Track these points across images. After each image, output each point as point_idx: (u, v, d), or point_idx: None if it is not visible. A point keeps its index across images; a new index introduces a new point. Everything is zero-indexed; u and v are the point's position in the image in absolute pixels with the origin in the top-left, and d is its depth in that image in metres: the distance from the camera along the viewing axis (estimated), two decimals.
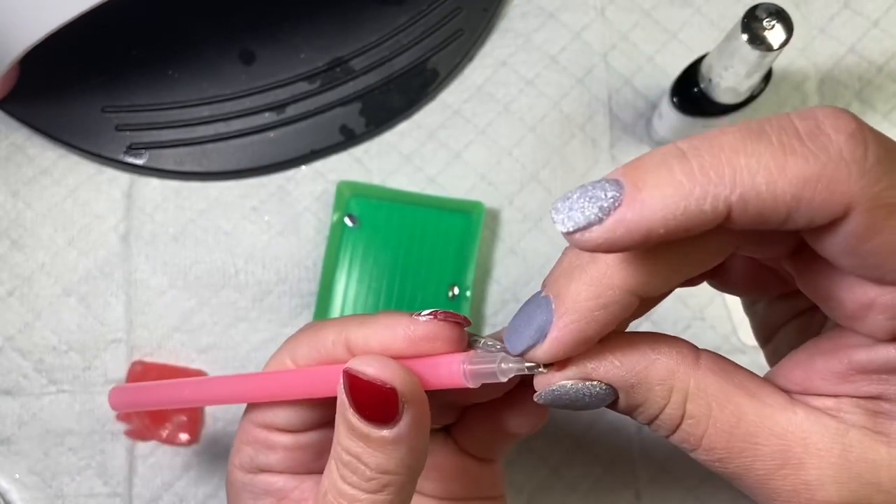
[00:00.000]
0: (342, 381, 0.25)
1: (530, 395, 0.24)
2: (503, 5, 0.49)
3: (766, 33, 0.37)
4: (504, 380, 0.24)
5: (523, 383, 0.27)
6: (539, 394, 0.24)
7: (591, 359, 0.23)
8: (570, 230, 0.20)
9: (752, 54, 0.37)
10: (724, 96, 0.42)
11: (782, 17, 0.37)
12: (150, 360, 0.45)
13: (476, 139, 0.48)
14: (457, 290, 0.45)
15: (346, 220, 0.45)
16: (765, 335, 0.29)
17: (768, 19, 0.37)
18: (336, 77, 0.47)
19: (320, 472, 0.29)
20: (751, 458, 0.22)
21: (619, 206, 0.19)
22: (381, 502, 0.25)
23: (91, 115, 0.46)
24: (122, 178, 0.47)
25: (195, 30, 0.47)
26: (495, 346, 0.26)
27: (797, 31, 0.37)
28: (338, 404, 0.25)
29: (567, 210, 0.20)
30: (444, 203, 0.46)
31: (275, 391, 0.29)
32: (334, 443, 0.26)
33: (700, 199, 0.19)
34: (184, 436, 0.44)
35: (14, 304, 0.45)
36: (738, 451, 0.22)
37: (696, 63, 0.43)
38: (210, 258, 0.46)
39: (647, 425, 0.24)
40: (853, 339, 0.22)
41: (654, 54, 0.49)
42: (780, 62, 0.49)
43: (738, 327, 0.47)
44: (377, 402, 0.24)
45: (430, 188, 0.47)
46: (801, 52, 0.50)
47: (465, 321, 0.26)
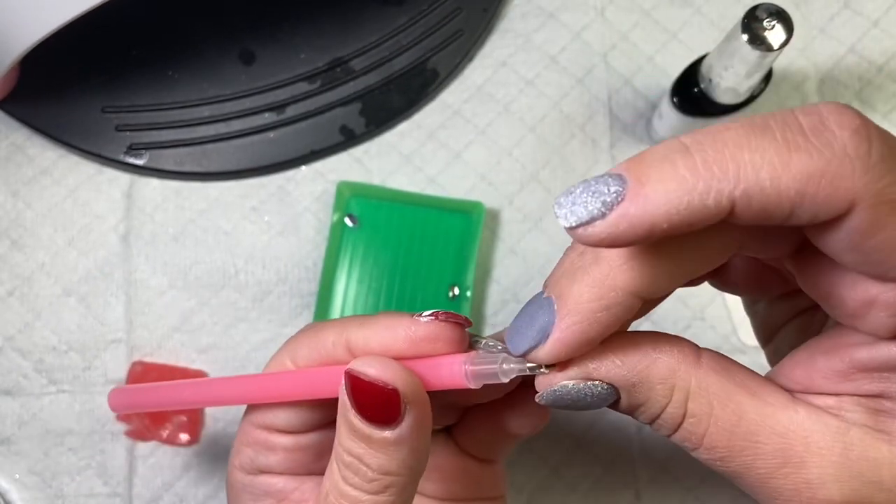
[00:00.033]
0: (344, 382, 0.25)
1: (531, 395, 0.24)
2: (503, 5, 0.49)
3: (767, 33, 0.37)
4: (506, 380, 0.24)
5: (524, 384, 0.27)
6: (541, 394, 0.24)
7: (593, 358, 0.23)
8: (573, 225, 0.19)
9: (752, 54, 0.37)
10: (724, 96, 0.42)
11: (782, 17, 0.37)
12: (150, 360, 0.45)
13: (476, 139, 0.48)
14: (457, 291, 0.45)
15: (346, 220, 0.45)
16: (766, 335, 0.29)
17: (768, 19, 0.37)
18: (336, 77, 0.47)
19: (321, 473, 0.29)
20: (752, 457, 0.22)
21: (622, 200, 0.19)
22: (383, 503, 0.25)
23: (91, 115, 0.46)
24: (122, 178, 0.46)
25: (195, 30, 0.47)
26: (497, 347, 0.26)
27: (797, 31, 0.37)
28: (339, 405, 0.25)
29: (570, 205, 0.20)
30: (444, 203, 0.46)
31: (275, 392, 0.29)
32: (336, 444, 0.26)
33: (703, 193, 0.19)
34: (184, 436, 0.44)
35: (14, 304, 0.45)
36: (740, 450, 0.22)
37: (696, 63, 0.43)
38: (210, 258, 0.46)
39: (648, 425, 0.24)
40: (854, 337, 0.22)
41: (654, 54, 0.49)
42: (781, 62, 0.49)
43: (738, 327, 0.47)
44: (379, 403, 0.24)
45: (430, 188, 0.47)
46: (801, 52, 0.50)
47: (467, 322, 0.26)
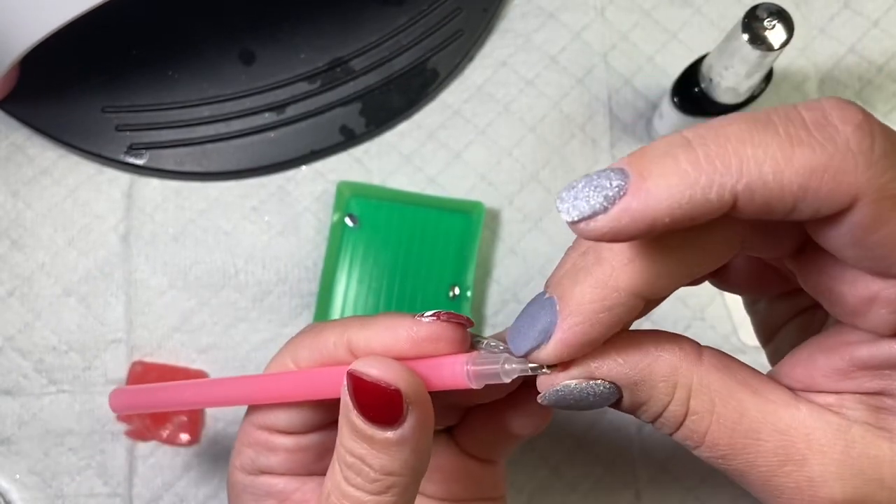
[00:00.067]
0: (346, 382, 0.25)
1: (533, 396, 0.24)
2: (503, 5, 0.49)
3: (767, 33, 0.37)
4: (507, 381, 0.24)
5: (526, 384, 0.27)
6: (543, 395, 0.24)
7: (595, 357, 0.23)
8: (575, 219, 0.19)
9: (752, 54, 0.37)
10: (724, 96, 0.42)
11: (783, 17, 0.37)
12: (150, 360, 0.45)
13: (476, 139, 0.48)
14: (457, 291, 0.45)
15: (347, 220, 0.45)
16: (766, 334, 0.29)
17: (769, 19, 0.37)
18: (336, 77, 0.47)
19: (322, 473, 0.29)
20: (753, 455, 0.22)
21: (624, 195, 0.19)
22: (386, 503, 0.25)
23: (91, 115, 0.46)
24: (122, 178, 0.46)
25: (195, 30, 0.47)
26: (498, 347, 0.26)
27: (797, 31, 0.37)
28: (341, 406, 0.25)
29: (572, 199, 0.20)
30: (444, 203, 0.46)
31: (276, 393, 0.29)
32: (337, 444, 0.26)
33: (706, 188, 0.19)
34: (184, 436, 0.44)
35: (14, 304, 0.45)
36: (741, 448, 0.22)
37: (696, 63, 0.43)
38: (210, 258, 0.46)
39: (650, 423, 0.24)
40: (854, 335, 0.22)
41: (654, 54, 0.49)
42: (781, 62, 0.49)
43: (738, 327, 0.47)
44: (381, 404, 0.24)
45: (430, 188, 0.47)
46: (802, 52, 0.50)
47: (468, 322, 0.26)
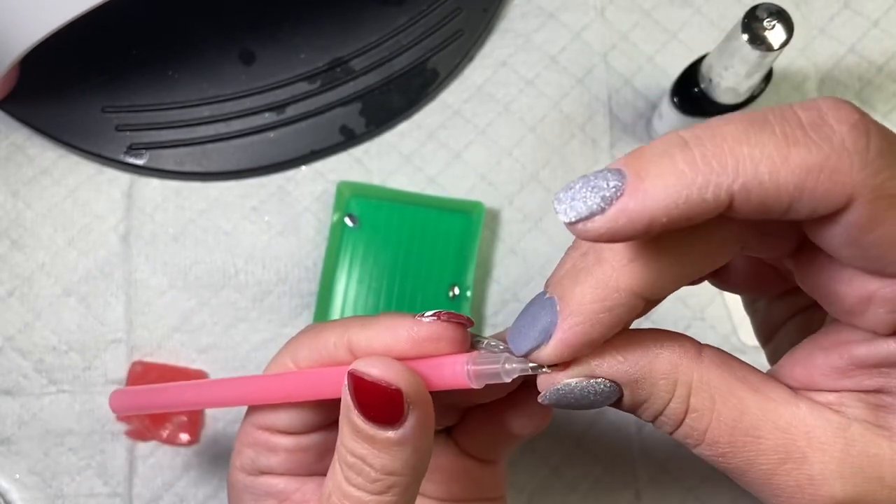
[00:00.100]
0: (346, 382, 0.25)
1: (533, 395, 0.24)
2: (503, 5, 0.49)
3: (767, 33, 0.37)
4: (508, 380, 0.24)
5: (526, 384, 0.27)
6: (544, 394, 0.24)
7: (595, 356, 0.23)
8: (573, 220, 0.20)
9: (752, 54, 0.37)
10: (724, 96, 0.42)
11: (782, 17, 0.37)
12: (150, 360, 0.45)
13: (476, 139, 0.48)
14: (457, 291, 0.45)
15: (346, 220, 0.45)
16: (766, 334, 0.29)
17: (768, 19, 0.37)
18: (336, 77, 0.47)
19: (322, 473, 0.29)
20: (754, 453, 0.22)
21: (621, 195, 0.19)
22: (386, 503, 0.25)
23: (91, 115, 0.46)
24: (122, 178, 0.46)
25: (195, 30, 0.47)
26: (498, 347, 0.26)
27: (797, 31, 0.37)
28: (342, 406, 0.25)
29: (569, 200, 0.20)
30: (444, 203, 0.46)
31: (276, 393, 0.29)
32: (338, 444, 0.26)
33: (702, 187, 0.19)
34: (184, 436, 0.44)
35: (14, 304, 0.45)
36: (742, 446, 0.22)
37: (696, 63, 0.43)
38: (210, 258, 0.46)
39: (650, 422, 0.24)
40: (852, 334, 0.22)
41: (654, 54, 0.49)
42: (781, 62, 0.49)
43: (738, 327, 0.47)
44: (382, 404, 0.24)
45: (430, 188, 0.47)
46: (801, 52, 0.50)
47: (469, 322, 0.26)
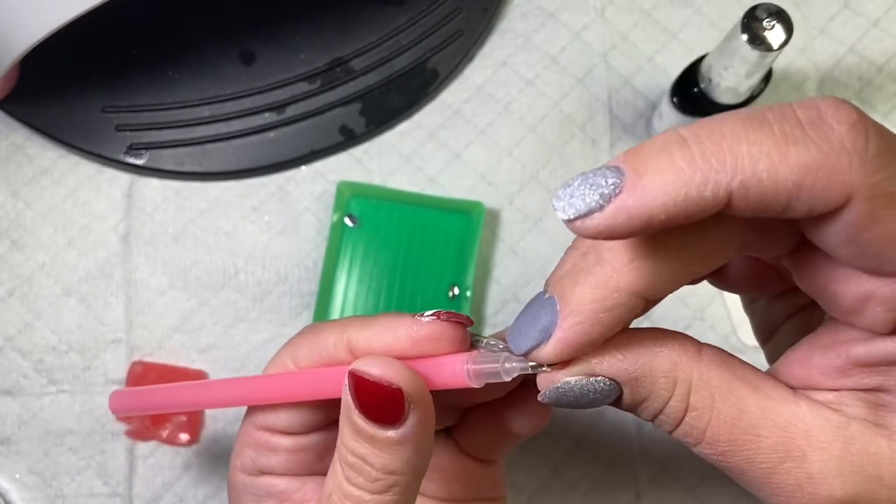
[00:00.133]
0: (347, 382, 0.25)
1: (533, 395, 0.24)
2: (503, 5, 0.49)
3: (766, 33, 0.37)
4: (508, 379, 0.24)
5: (525, 384, 0.27)
6: (543, 393, 0.24)
7: (595, 354, 0.23)
8: (571, 217, 0.20)
9: (752, 54, 0.37)
10: (724, 96, 0.42)
11: (782, 17, 0.37)
12: (150, 360, 0.45)
13: (476, 139, 0.48)
14: (457, 291, 0.45)
15: (346, 220, 0.45)
16: (765, 333, 0.29)
17: (768, 19, 0.37)
18: (336, 77, 0.47)
19: (323, 473, 0.29)
20: (753, 451, 0.22)
21: (619, 192, 0.19)
22: (387, 503, 0.25)
23: (91, 115, 0.46)
24: (122, 178, 0.46)
25: (195, 30, 0.47)
26: (498, 346, 0.26)
27: (797, 31, 0.37)
28: (342, 406, 0.25)
29: (568, 197, 0.20)
30: (444, 203, 0.46)
31: (276, 394, 0.29)
32: (338, 444, 0.26)
33: (701, 185, 0.19)
34: (184, 436, 0.44)
35: (14, 304, 0.45)
36: (741, 444, 0.22)
37: (696, 63, 0.43)
38: (210, 258, 0.46)
39: (650, 421, 0.24)
40: (850, 333, 0.22)
41: (654, 54, 0.49)
42: (780, 62, 0.49)
43: (737, 327, 0.47)
44: (383, 403, 0.24)
45: (430, 188, 0.47)
46: (801, 52, 0.50)
47: (468, 321, 0.26)
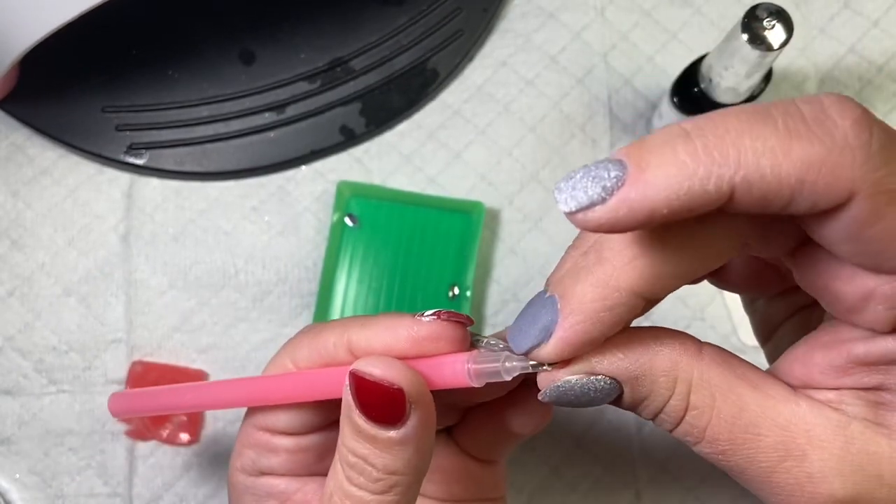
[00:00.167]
0: (348, 382, 0.25)
1: (533, 394, 0.24)
2: (503, 5, 0.49)
3: (767, 33, 0.37)
4: (508, 378, 0.24)
5: (526, 383, 0.27)
6: (544, 391, 0.24)
7: (596, 353, 0.23)
8: (573, 210, 0.19)
9: (752, 54, 0.37)
10: (724, 96, 0.42)
11: (782, 17, 0.37)
12: (150, 360, 0.45)
13: (476, 139, 0.48)
14: (457, 290, 0.45)
15: (346, 220, 0.45)
16: (765, 333, 0.29)
17: (768, 19, 0.37)
18: (336, 77, 0.47)
19: (323, 474, 0.29)
20: (754, 450, 0.22)
21: (622, 185, 0.19)
22: (389, 503, 0.25)
23: (91, 115, 0.46)
24: (122, 178, 0.46)
25: (195, 30, 0.47)
26: (498, 346, 0.26)
27: (797, 31, 0.37)
28: (343, 406, 0.25)
29: (570, 189, 0.20)
30: (444, 203, 0.46)
31: (276, 394, 0.29)
32: (339, 444, 0.26)
33: (704, 179, 0.19)
34: (184, 436, 0.44)
35: (14, 304, 0.45)
36: (741, 443, 0.22)
37: (696, 63, 0.43)
38: (210, 258, 0.46)
39: (651, 420, 0.24)
40: (851, 331, 0.22)
41: (654, 54, 0.49)
42: (780, 62, 0.49)
43: (738, 327, 0.47)
44: (384, 403, 0.24)
45: (430, 188, 0.47)
46: (801, 52, 0.50)
47: (469, 321, 0.26)
